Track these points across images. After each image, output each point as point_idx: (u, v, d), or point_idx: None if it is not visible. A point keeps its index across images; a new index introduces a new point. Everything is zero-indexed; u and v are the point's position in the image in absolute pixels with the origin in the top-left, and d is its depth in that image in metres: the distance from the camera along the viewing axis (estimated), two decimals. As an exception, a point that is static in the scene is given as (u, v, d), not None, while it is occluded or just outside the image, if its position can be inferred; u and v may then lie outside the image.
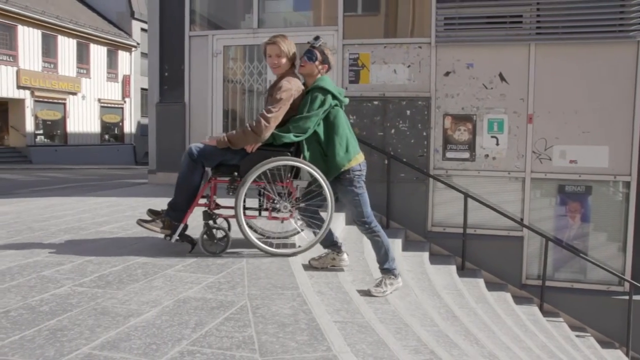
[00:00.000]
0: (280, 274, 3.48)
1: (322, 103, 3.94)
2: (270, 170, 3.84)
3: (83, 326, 2.49)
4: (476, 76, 7.77)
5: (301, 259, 4.08)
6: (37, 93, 25.35)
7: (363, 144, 7.93)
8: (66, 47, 27.27)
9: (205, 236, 3.92)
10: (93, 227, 5.03)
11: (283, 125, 3.95)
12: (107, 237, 4.57)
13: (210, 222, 3.91)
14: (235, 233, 4.01)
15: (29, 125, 25.48)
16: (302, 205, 4.02)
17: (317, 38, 4.17)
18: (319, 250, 4.33)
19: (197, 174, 3.92)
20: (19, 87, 24.40)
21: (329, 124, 4.03)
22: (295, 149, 4.03)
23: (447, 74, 7.87)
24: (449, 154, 7.96)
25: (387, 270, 4.23)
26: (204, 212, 3.93)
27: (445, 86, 7.88)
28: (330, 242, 4.32)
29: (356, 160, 4.10)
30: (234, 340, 2.38)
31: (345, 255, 4.37)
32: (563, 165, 7.58)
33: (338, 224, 6.26)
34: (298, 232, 4.39)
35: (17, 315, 2.63)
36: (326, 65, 4.16)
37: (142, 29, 30.46)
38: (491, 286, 7.21)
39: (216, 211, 4.01)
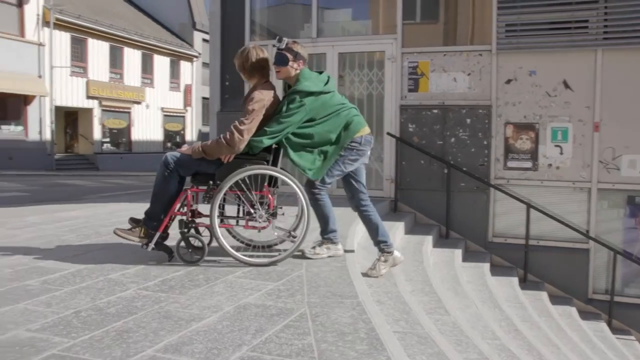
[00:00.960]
0: (339, 282, 3.48)
1: (301, 104, 3.91)
2: (246, 178, 3.80)
3: (147, 329, 2.56)
4: (539, 84, 7.57)
5: (360, 268, 4.06)
6: (104, 102, 26.37)
7: (422, 153, 7.92)
8: (131, 58, 28.26)
9: (181, 245, 3.90)
10: (157, 233, 5.17)
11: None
12: (169, 242, 4.67)
13: (186, 230, 3.87)
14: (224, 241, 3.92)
15: (97, 134, 26.50)
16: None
17: (280, 40, 4.12)
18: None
19: (172, 183, 3.90)
20: (88, 97, 25.45)
21: (319, 118, 4.01)
22: (272, 157, 3.99)
23: (508, 81, 7.70)
24: (510, 163, 7.77)
25: (326, 239, 4.25)
26: (180, 221, 3.90)
27: (506, 94, 7.72)
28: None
29: (359, 133, 4.10)
30: (293, 348, 2.39)
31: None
32: (633, 175, 7.26)
33: (397, 233, 6.22)
34: (283, 241, 4.27)
35: (86, 315, 2.73)
36: (301, 61, 4.12)
37: (204, 40, 31.23)
38: (555, 300, 6.98)
39: (197, 220, 3.97)
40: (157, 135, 30.61)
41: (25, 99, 22.30)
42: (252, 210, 3.86)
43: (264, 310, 2.89)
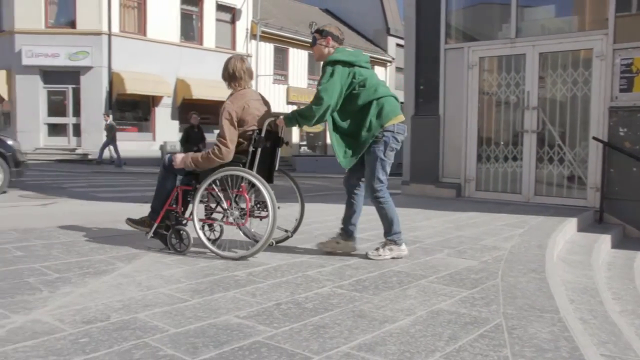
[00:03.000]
0: (538, 294, 3.28)
1: (332, 74, 3.98)
2: (218, 180, 4.10)
3: (342, 326, 2.65)
4: None
5: (561, 281, 3.80)
6: (302, 108, 28.02)
7: (635, 160, 7.17)
8: (329, 65, 29.59)
9: (172, 236, 4.27)
10: (350, 234, 5.33)
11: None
12: (364, 244, 4.80)
13: (174, 223, 4.28)
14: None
15: (295, 137, 28.20)
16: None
17: (311, 25, 4.37)
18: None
19: (169, 181, 4.39)
20: (288, 102, 27.25)
21: (353, 95, 4.05)
22: (250, 160, 4.17)
23: None
24: None
25: (391, 239, 4.21)
26: (172, 215, 4.31)
27: None
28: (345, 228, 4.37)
29: (391, 121, 4.06)
30: (488, 359, 2.31)
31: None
32: None
33: (603, 246, 5.72)
34: (289, 237, 4.58)
35: (286, 308, 2.91)
36: (329, 37, 4.18)
37: (397, 45, 31.61)
38: None
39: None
40: (351, 139, 31.59)
41: (235, 106, 24.55)
42: (224, 207, 4.19)
43: (457, 317, 2.83)
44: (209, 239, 4.27)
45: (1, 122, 23.02)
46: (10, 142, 9.15)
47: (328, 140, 29.89)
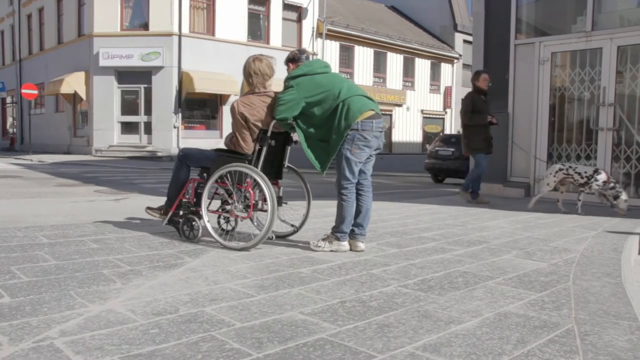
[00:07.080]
0: (613, 300, 3.14)
1: (286, 87, 4.21)
2: (228, 174, 4.27)
3: (407, 326, 2.62)
4: None
5: (639, 286, 3.62)
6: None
7: None
8: (394, 62, 29.35)
9: (185, 224, 4.53)
10: (416, 233, 5.29)
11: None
12: (429, 243, 4.74)
13: (187, 212, 4.51)
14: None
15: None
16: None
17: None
18: None
19: (182, 173, 4.64)
20: (353, 101, 27.23)
21: (318, 104, 4.16)
22: (256, 157, 4.32)
23: None
24: None
25: (334, 234, 4.31)
26: (185, 204, 4.53)
27: None
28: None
29: (358, 118, 4.13)
30: (559, 365, 2.23)
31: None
32: None
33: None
34: (295, 231, 4.81)
35: (351, 306, 2.90)
36: (290, 64, 4.38)
37: (465, 41, 31.03)
38: None
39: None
40: (417, 137, 31.29)
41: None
42: (229, 201, 4.39)
43: (525, 320, 2.74)
44: (222, 230, 4.54)
45: (79, 121, 24.14)
46: None
47: (393, 138, 29.72)
